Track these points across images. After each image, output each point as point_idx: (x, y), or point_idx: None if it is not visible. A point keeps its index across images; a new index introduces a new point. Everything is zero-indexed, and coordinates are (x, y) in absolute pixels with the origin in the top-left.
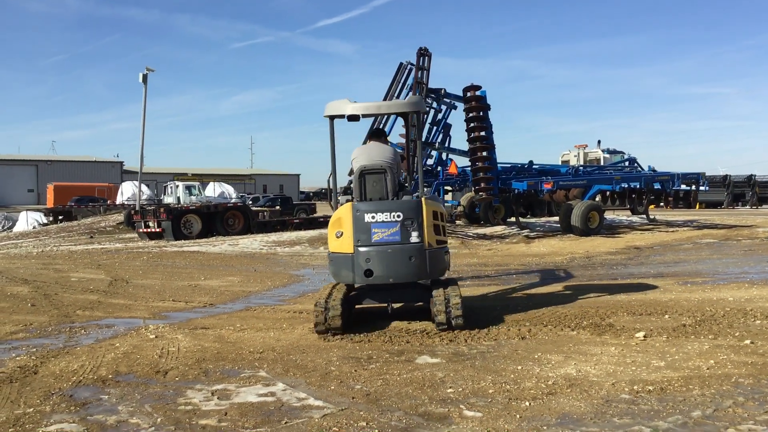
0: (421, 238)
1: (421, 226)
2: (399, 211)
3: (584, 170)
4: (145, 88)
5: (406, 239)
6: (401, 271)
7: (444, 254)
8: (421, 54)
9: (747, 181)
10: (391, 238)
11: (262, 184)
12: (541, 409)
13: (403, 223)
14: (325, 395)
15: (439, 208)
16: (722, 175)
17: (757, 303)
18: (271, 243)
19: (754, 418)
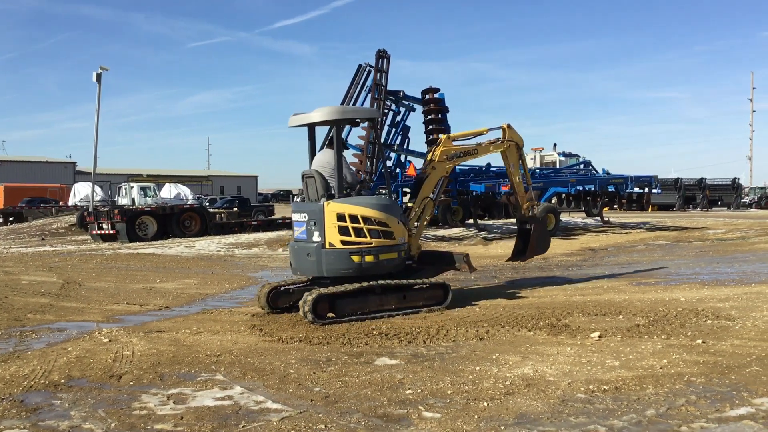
0: (321, 238)
1: (322, 227)
2: (306, 212)
3: (540, 173)
4: (98, 88)
5: (309, 238)
6: (304, 267)
7: (348, 255)
8: (380, 56)
9: (698, 184)
10: (302, 236)
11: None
12: (498, 409)
13: (308, 223)
14: (284, 398)
15: (354, 210)
16: (674, 178)
17: (708, 303)
18: (228, 245)
19: (706, 416)
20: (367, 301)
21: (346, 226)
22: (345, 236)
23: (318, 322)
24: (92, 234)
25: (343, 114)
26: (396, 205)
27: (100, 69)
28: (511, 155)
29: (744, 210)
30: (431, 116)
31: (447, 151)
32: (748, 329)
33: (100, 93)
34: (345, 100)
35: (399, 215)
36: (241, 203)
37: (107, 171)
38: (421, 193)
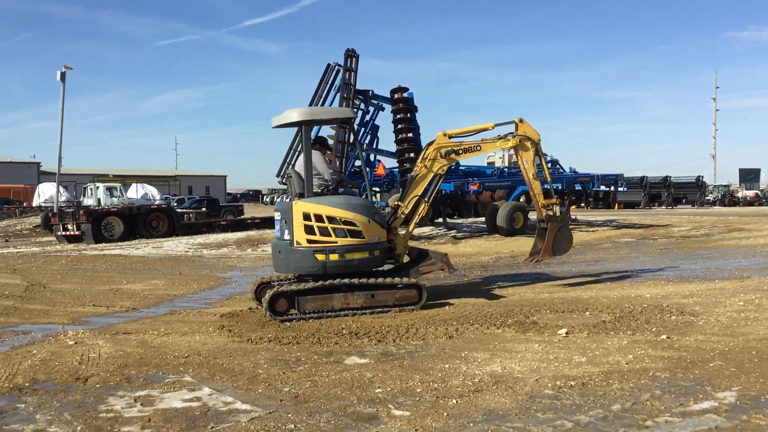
0: (291, 236)
1: (291, 226)
2: (280, 211)
3: (509, 171)
4: (63, 87)
5: (282, 236)
6: (278, 264)
7: (313, 254)
8: (348, 55)
9: (663, 182)
10: (278, 233)
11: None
12: (467, 406)
13: (281, 221)
14: (253, 398)
15: (319, 209)
16: (639, 177)
17: (672, 299)
18: (197, 245)
19: (671, 411)
20: (331, 299)
21: (312, 225)
22: (310, 235)
23: (277, 318)
24: (57, 235)
25: (311, 115)
26: (368, 205)
27: (65, 68)
28: (524, 151)
29: (708, 207)
30: (400, 116)
31: (441, 148)
32: (711, 324)
33: (65, 92)
34: (314, 99)
35: (371, 214)
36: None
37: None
38: (409, 192)
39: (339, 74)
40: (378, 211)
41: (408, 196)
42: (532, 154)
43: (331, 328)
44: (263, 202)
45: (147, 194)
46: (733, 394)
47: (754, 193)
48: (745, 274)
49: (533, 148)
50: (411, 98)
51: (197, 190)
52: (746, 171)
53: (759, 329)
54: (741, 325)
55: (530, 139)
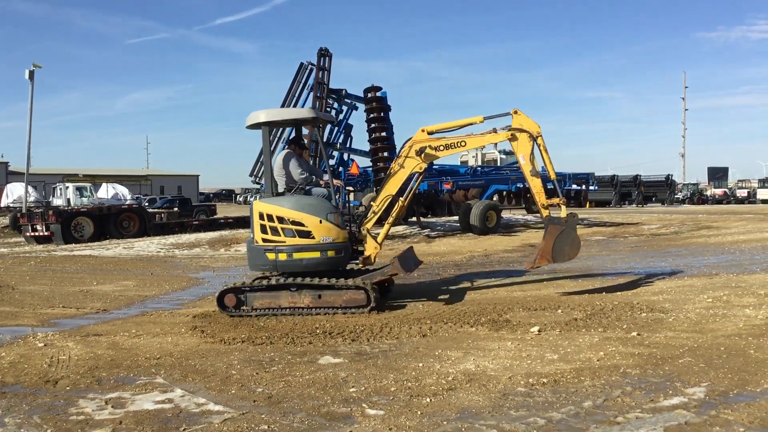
0: (252, 235)
1: (252, 225)
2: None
3: (482, 171)
4: (31, 85)
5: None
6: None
7: (264, 252)
8: (321, 54)
9: (633, 181)
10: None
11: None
12: (441, 404)
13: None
14: (226, 400)
15: (270, 209)
16: (610, 176)
17: (643, 297)
18: (169, 245)
19: (641, 407)
20: (278, 298)
21: (265, 225)
22: (264, 234)
23: (225, 312)
24: (26, 236)
25: (273, 116)
26: (320, 205)
27: (33, 66)
28: (521, 146)
29: (677, 206)
30: (373, 115)
31: (419, 145)
32: (681, 321)
33: (33, 91)
34: (287, 98)
35: (325, 215)
36: (182, 203)
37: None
38: (382, 192)
39: (312, 73)
40: (336, 211)
41: (380, 195)
42: (530, 149)
43: (305, 327)
44: (237, 202)
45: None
46: (702, 389)
47: (722, 191)
48: (714, 272)
49: (531, 142)
50: (384, 97)
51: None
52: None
53: (727, 326)
54: (710, 321)
55: (527, 132)
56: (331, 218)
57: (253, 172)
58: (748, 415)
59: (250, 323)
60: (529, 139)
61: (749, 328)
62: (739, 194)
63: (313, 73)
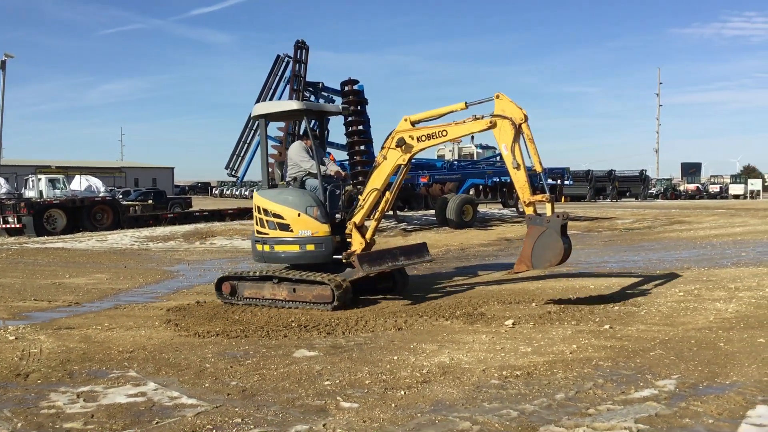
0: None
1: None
2: None
3: (459, 165)
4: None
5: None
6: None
7: (255, 243)
8: (298, 47)
9: (608, 176)
10: None
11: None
12: (415, 397)
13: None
14: (199, 393)
15: (260, 201)
16: (585, 170)
17: (615, 290)
18: (143, 238)
19: (613, 399)
20: (262, 289)
21: (257, 217)
22: (257, 226)
23: (220, 299)
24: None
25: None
26: (302, 198)
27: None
28: (503, 134)
29: (651, 201)
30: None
31: (399, 135)
32: (652, 314)
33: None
34: (263, 91)
35: (304, 208)
36: (157, 195)
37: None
38: (368, 185)
39: (289, 66)
40: (317, 204)
41: (366, 188)
42: (512, 138)
43: (280, 321)
44: (212, 195)
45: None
46: (673, 382)
47: (695, 186)
48: (685, 266)
49: (514, 130)
50: (361, 90)
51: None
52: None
53: (698, 319)
54: (681, 315)
55: (509, 118)
56: (311, 212)
57: (229, 164)
58: (717, 407)
59: (225, 317)
60: (512, 127)
61: (719, 322)
62: (711, 190)
63: (289, 66)
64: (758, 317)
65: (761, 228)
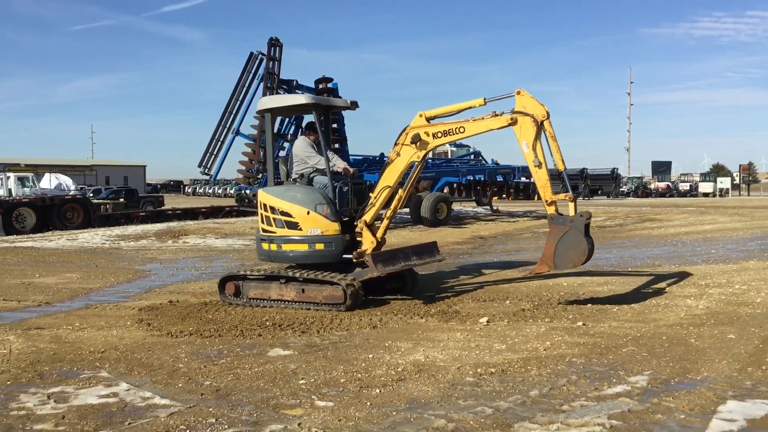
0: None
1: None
2: None
3: (433, 163)
4: None
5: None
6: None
7: (260, 242)
8: (272, 44)
9: (580, 174)
10: None
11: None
12: (390, 395)
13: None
14: (172, 393)
15: (266, 198)
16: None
17: (588, 287)
18: (114, 237)
19: (586, 395)
20: (269, 289)
21: (263, 215)
22: (263, 224)
23: (222, 299)
24: None
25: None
26: (311, 195)
27: None
28: (523, 131)
29: (622, 199)
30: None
31: (414, 132)
32: (624, 311)
33: None
34: (236, 88)
35: (313, 206)
36: (128, 194)
37: None
38: (380, 182)
39: (262, 63)
40: (327, 202)
41: (378, 185)
42: (533, 135)
43: (255, 320)
44: (185, 193)
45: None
46: (645, 378)
47: (665, 184)
48: (657, 263)
49: (535, 128)
50: (335, 89)
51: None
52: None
53: (669, 315)
54: (652, 311)
55: (530, 115)
56: (320, 209)
57: (202, 162)
58: (688, 402)
59: (198, 316)
60: (534, 124)
61: (690, 318)
62: (681, 188)
63: (263, 63)
64: (728, 313)
65: (730, 225)
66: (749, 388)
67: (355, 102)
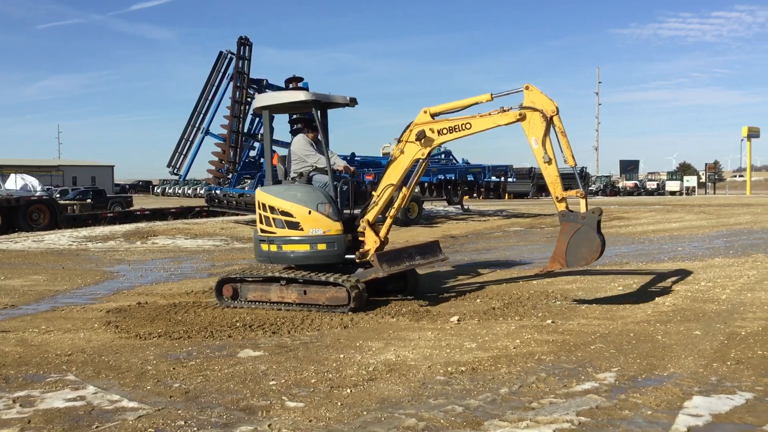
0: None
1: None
2: None
3: None
4: None
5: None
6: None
7: (259, 243)
8: (241, 43)
9: None
10: None
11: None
12: (361, 395)
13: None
14: (141, 396)
15: (265, 198)
16: (528, 168)
17: (557, 285)
18: (81, 238)
19: (555, 392)
20: (269, 291)
21: (262, 215)
22: (261, 224)
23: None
24: None
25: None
26: (313, 194)
27: None
28: (532, 127)
29: (591, 197)
30: None
31: (419, 128)
32: (593, 309)
33: None
34: (206, 87)
35: (315, 205)
36: (96, 194)
37: None
38: (383, 180)
39: (232, 63)
40: (329, 201)
41: (381, 183)
42: (542, 131)
43: (225, 321)
44: (155, 194)
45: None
46: (613, 374)
47: (633, 183)
48: (624, 261)
49: (545, 123)
50: (306, 88)
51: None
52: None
53: (636, 312)
54: (620, 309)
55: (540, 111)
56: (322, 209)
57: (171, 162)
58: (655, 398)
59: (167, 317)
60: (543, 120)
61: (657, 315)
62: (649, 186)
63: (233, 63)
64: (694, 310)
65: (696, 223)
66: (714, 383)
67: (354, 99)
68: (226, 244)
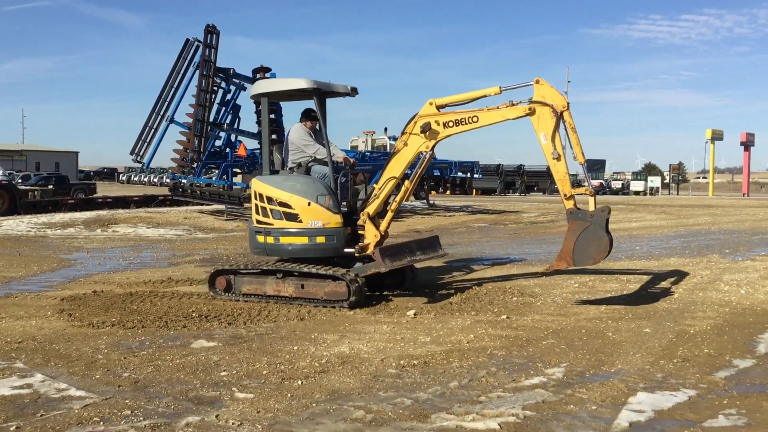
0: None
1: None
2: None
3: (371, 156)
4: None
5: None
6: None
7: (255, 234)
8: (208, 31)
9: (517, 170)
10: None
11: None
12: (312, 387)
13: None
14: (89, 385)
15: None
16: (496, 165)
17: (515, 281)
18: (40, 225)
19: (504, 386)
20: (264, 283)
21: (258, 205)
22: (257, 215)
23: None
24: None
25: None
26: (312, 186)
27: None
28: (542, 122)
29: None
30: None
31: (424, 121)
32: (548, 305)
33: None
34: (172, 74)
35: (314, 197)
36: (59, 181)
37: None
38: (385, 173)
39: (199, 50)
40: (328, 193)
41: (382, 176)
42: (552, 126)
43: (181, 311)
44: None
45: None
46: (561, 369)
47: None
48: None
49: (554, 118)
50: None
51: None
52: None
53: (590, 309)
54: (574, 305)
55: (550, 105)
56: (322, 201)
57: (135, 150)
58: (600, 394)
59: (122, 307)
60: (553, 115)
61: (610, 312)
62: (614, 186)
63: (199, 51)
64: (646, 308)
65: (656, 223)
66: (660, 380)
67: (354, 88)
68: (188, 234)
